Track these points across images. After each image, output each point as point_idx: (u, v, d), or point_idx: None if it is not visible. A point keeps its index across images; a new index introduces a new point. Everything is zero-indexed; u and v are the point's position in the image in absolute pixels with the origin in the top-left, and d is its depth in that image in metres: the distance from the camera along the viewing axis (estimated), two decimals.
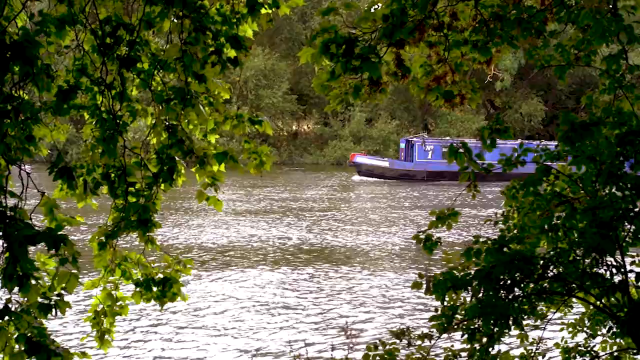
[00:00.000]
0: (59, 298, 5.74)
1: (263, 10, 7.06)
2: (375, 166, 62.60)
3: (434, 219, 7.27)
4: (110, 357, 14.28)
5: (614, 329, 7.04)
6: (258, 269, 24.36)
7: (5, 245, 5.18)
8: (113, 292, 7.52)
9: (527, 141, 53.62)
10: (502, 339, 6.54)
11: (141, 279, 7.37)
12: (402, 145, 64.53)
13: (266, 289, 21.60)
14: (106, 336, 7.59)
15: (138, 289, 7.40)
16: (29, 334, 5.49)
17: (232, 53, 7.08)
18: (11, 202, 5.40)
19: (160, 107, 7.06)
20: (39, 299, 5.59)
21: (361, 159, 63.01)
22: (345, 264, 25.57)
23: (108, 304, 7.53)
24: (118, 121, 6.89)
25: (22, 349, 5.47)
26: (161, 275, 7.43)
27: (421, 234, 7.27)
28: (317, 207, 41.97)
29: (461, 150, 6.56)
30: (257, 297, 20.59)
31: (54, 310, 5.70)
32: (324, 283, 22.46)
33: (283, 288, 21.66)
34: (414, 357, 7.11)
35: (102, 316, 7.54)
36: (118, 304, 7.55)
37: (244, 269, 24.31)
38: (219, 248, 27.81)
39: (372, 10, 6.93)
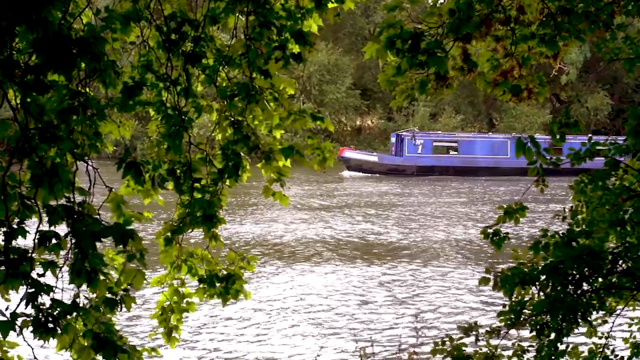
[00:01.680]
0: (125, 293, 5.77)
1: (330, 4, 7.03)
2: (364, 161, 61.87)
3: (501, 213, 7.23)
4: (172, 355, 14.36)
5: None
6: (321, 265, 24.35)
7: (73, 241, 5.20)
8: (180, 289, 7.54)
9: (595, 136, 53.02)
10: (570, 334, 6.50)
11: (205, 276, 7.39)
12: (393, 139, 63.85)
13: (330, 285, 21.58)
14: (173, 333, 7.62)
15: (201, 285, 7.42)
16: (97, 330, 5.52)
17: (296, 49, 7.05)
18: (79, 198, 5.43)
19: (225, 103, 7.07)
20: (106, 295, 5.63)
21: (350, 154, 62.20)
22: (411, 259, 25.45)
23: (175, 301, 7.56)
24: (183, 117, 6.91)
25: (90, 344, 5.50)
26: (225, 272, 7.43)
27: (489, 228, 7.24)
28: (381, 203, 41.87)
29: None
30: (321, 293, 20.58)
31: (119, 305, 5.74)
32: (390, 279, 22.38)
33: (347, 284, 21.62)
34: (481, 352, 7.09)
35: (169, 313, 7.57)
36: (185, 300, 7.57)
37: (307, 265, 24.32)
38: (283, 244, 27.88)
39: (438, 5, 6.89)
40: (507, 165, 61.48)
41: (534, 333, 6.62)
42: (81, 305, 5.55)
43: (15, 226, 5.16)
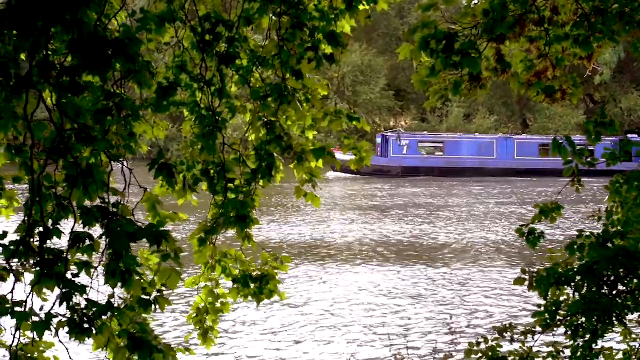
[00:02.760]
0: (159, 294, 5.77)
1: (361, 7, 7.03)
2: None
3: (537, 212, 7.23)
4: (205, 356, 14.39)
5: None
6: (356, 266, 24.33)
7: (108, 241, 5.22)
8: (215, 290, 7.55)
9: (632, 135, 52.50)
10: (606, 335, 6.47)
11: (239, 276, 7.39)
12: (379, 140, 63.43)
13: (364, 286, 21.55)
14: (209, 334, 7.63)
15: (235, 286, 7.42)
16: (132, 330, 5.53)
17: (328, 50, 7.05)
18: (113, 198, 5.44)
19: (258, 104, 7.07)
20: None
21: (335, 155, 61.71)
22: (446, 260, 25.37)
23: (210, 301, 7.57)
24: (217, 118, 6.93)
25: (125, 344, 5.51)
26: (259, 272, 7.43)
27: (524, 227, 7.24)
28: (415, 204, 41.77)
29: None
30: (355, 294, 20.55)
31: (153, 306, 5.74)
32: (424, 280, 22.31)
33: (381, 285, 21.58)
34: (516, 353, 7.08)
35: (205, 314, 7.58)
36: (220, 301, 7.57)
37: (341, 265, 24.30)
38: (316, 244, 27.87)
39: (472, 5, 6.87)
40: (493, 166, 61.38)
41: (569, 334, 6.60)
42: (116, 305, 5.57)
43: (50, 227, 5.19)
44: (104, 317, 5.39)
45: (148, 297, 5.69)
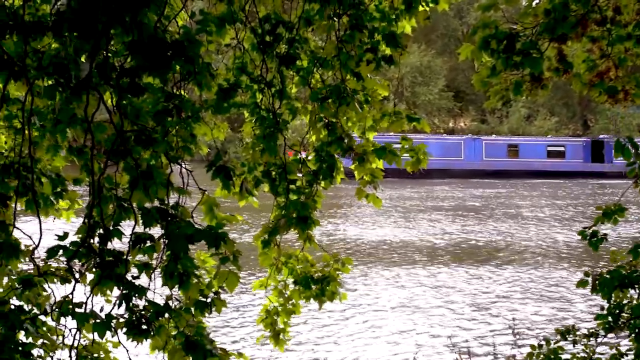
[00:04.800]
0: (215, 296, 5.76)
1: (420, 7, 6.98)
2: None
3: (600, 214, 7.15)
4: (258, 357, 14.41)
5: None
6: (418, 266, 24.24)
7: (166, 243, 5.22)
8: (284, 291, 7.53)
9: None
10: None
11: (300, 277, 7.37)
12: None
13: (428, 286, 21.45)
14: (281, 335, 7.61)
15: (297, 287, 7.39)
16: (188, 332, 5.52)
17: (388, 51, 7.00)
18: (173, 200, 5.44)
19: (317, 105, 7.05)
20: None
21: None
22: (507, 261, 25.16)
23: (281, 303, 7.55)
24: (278, 119, 6.91)
25: (181, 347, 5.51)
26: (320, 274, 7.40)
27: (587, 229, 7.16)
28: (475, 205, 41.53)
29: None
30: (418, 294, 20.47)
31: (210, 308, 5.73)
32: (486, 281, 22.16)
33: (442, 288, 21.45)
34: (579, 356, 7.03)
35: (275, 316, 7.56)
36: (290, 302, 7.54)
37: (402, 266, 24.22)
38: (377, 245, 27.82)
39: (533, 5, 6.80)
40: (459, 167, 60.57)
41: (632, 337, 6.54)
42: (173, 307, 5.57)
43: (110, 228, 5.20)
44: (161, 319, 5.39)
45: (205, 300, 5.69)
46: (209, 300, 5.71)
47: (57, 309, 5.34)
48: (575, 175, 60.83)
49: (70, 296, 5.34)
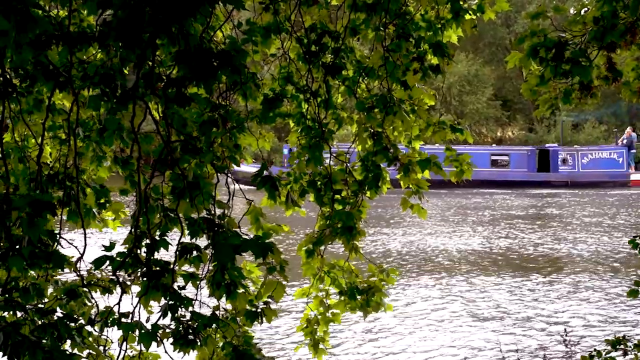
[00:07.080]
0: (265, 306, 5.75)
1: (467, 16, 6.95)
2: (250, 173, 59.55)
3: None
4: None
5: None
6: (464, 276, 24.07)
7: (213, 253, 5.21)
8: (325, 301, 7.51)
9: None
10: None
11: (345, 288, 7.34)
12: (285, 151, 61.40)
13: (477, 296, 21.29)
14: (320, 345, 7.60)
15: (342, 298, 7.37)
16: (236, 343, 5.52)
17: (434, 60, 6.97)
18: (219, 210, 5.43)
19: (363, 115, 7.02)
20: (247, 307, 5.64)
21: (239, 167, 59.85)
22: (558, 270, 24.89)
23: (321, 312, 7.53)
24: (324, 129, 6.90)
25: (230, 357, 5.50)
26: (365, 284, 7.37)
27: (638, 238, 7.10)
28: (519, 215, 41.20)
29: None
30: (465, 304, 20.31)
31: (260, 318, 5.73)
32: (536, 291, 21.93)
33: (490, 297, 21.28)
34: None
35: (315, 325, 7.56)
36: (330, 311, 7.53)
37: (447, 276, 24.07)
38: (420, 256, 27.67)
39: (582, 13, 6.73)
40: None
41: None
42: (220, 317, 5.57)
43: (157, 238, 5.21)
44: (208, 329, 5.39)
45: (254, 309, 5.68)
46: (258, 310, 5.71)
47: (102, 319, 5.36)
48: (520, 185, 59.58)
49: (117, 306, 5.35)
